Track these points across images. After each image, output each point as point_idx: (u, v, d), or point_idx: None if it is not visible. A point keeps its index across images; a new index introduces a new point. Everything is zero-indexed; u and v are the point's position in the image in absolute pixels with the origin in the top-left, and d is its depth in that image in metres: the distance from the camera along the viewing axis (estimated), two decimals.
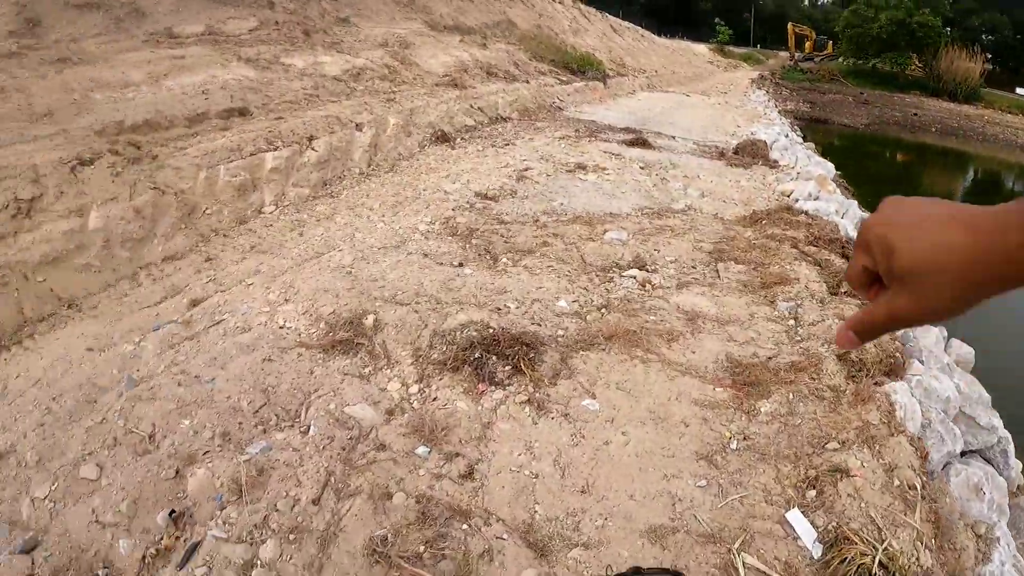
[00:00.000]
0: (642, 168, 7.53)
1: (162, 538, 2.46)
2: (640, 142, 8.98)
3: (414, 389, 3.20)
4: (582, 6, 23.89)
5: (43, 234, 4.42)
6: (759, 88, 28.59)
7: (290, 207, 5.89)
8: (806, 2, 78.71)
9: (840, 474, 2.61)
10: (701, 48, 44.24)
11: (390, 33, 10.60)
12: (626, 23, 29.69)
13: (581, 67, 15.54)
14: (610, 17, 27.19)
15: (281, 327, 3.65)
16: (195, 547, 2.39)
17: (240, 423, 2.93)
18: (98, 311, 4.15)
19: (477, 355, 3.27)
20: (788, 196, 6.83)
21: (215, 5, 8.01)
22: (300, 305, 3.85)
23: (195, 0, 7.90)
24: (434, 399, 3.14)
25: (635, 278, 4.30)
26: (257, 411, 2.95)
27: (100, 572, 2.40)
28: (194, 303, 4.06)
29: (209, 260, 4.83)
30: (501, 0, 16.69)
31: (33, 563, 2.42)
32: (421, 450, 2.80)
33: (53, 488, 2.75)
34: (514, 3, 17.45)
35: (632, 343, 3.47)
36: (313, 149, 6.46)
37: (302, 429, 2.93)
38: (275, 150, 6.11)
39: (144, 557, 2.38)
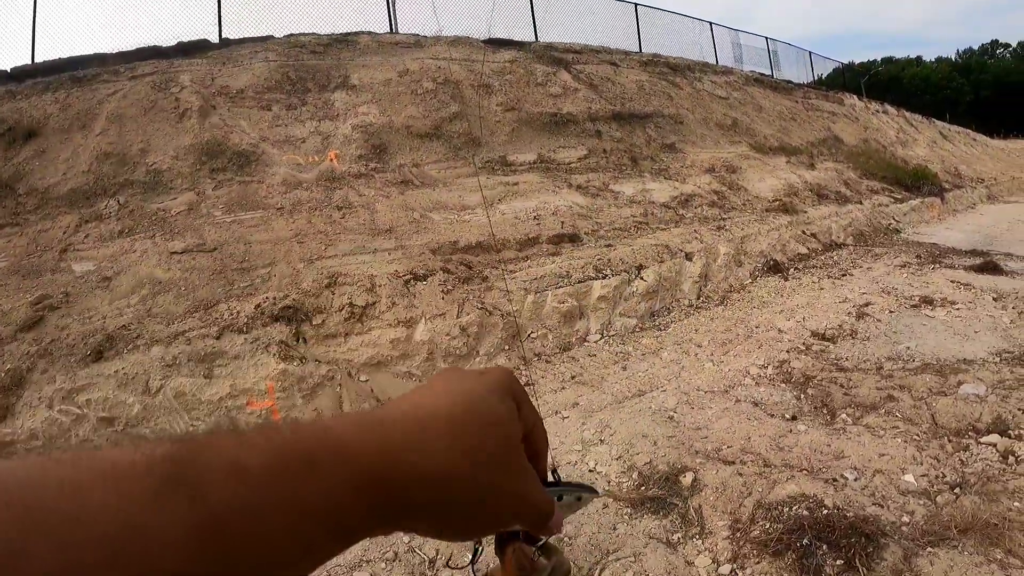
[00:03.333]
0: (996, 300, 6.61)
1: None
2: (990, 267, 8.12)
3: (725, 569, 2.75)
4: (907, 114, 22.82)
5: (371, 338, 4.91)
6: None
7: (615, 337, 5.83)
8: None
9: None
10: None
11: (716, 158, 10.57)
12: (955, 127, 27.08)
13: (915, 181, 14.80)
14: (937, 122, 25.15)
15: (591, 470, 3.45)
16: None
17: None
18: None
19: (805, 541, 2.79)
20: None
21: (546, 135, 8.78)
22: (614, 449, 3.64)
23: (527, 131, 8.76)
24: None
25: (995, 446, 3.62)
26: None
27: None
28: None
29: (528, 385, 4.86)
30: (824, 116, 16.08)
31: None
32: None
33: None
34: (837, 118, 16.66)
35: (991, 541, 2.80)
36: (642, 279, 6.42)
37: None
38: (603, 278, 6.18)
39: None
